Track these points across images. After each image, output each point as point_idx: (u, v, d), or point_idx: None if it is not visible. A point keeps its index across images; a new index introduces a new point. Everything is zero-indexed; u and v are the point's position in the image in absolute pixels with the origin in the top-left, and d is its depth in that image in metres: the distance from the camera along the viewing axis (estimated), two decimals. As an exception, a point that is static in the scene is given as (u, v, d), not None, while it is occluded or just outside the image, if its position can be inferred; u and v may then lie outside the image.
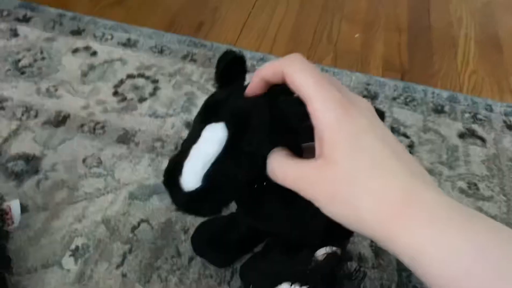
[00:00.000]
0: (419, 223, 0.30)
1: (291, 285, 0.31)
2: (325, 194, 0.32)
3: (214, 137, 0.35)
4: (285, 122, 0.34)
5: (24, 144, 0.68)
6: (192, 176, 0.35)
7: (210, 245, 0.53)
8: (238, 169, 0.36)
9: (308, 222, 0.39)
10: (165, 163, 0.65)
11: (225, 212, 0.56)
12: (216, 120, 0.35)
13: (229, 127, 0.35)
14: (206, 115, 0.36)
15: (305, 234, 0.35)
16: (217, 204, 0.37)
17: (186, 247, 0.56)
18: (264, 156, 0.36)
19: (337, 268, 0.31)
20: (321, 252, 0.33)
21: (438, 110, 0.79)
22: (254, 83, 0.37)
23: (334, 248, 0.32)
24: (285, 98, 0.34)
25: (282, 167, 0.35)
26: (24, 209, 0.59)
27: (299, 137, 0.36)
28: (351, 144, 0.32)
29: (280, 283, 0.32)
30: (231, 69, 0.37)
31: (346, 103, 0.33)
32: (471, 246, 0.28)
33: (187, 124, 0.73)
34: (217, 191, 0.36)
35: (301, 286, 0.31)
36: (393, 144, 0.33)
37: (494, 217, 0.61)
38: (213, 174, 0.35)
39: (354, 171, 0.31)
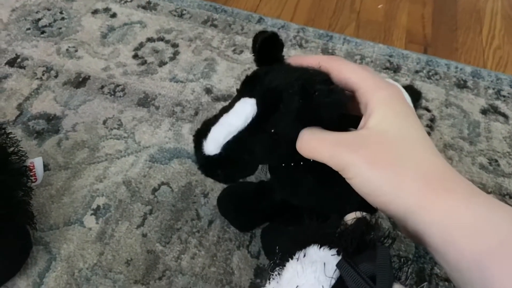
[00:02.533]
0: (457, 196, 0.32)
1: (319, 248, 0.31)
2: (367, 157, 0.33)
3: (243, 111, 0.36)
4: (315, 112, 0.34)
5: (45, 104, 0.68)
6: (213, 142, 0.37)
7: (236, 208, 0.53)
8: (257, 146, 0.37)
9: (344, 199, 0.40)
10: (185, 128, 0.66)
11: (255, 179, 0.58)
12: (250, 95, 0.36)
13: (259, 105, 0.36)
14: (243, 88, 0.38)
15: (340, 210, 0.35)
16: (232, 174, 0.39)
17: (206, 211, 0.57)
18: (286, 140, 0.36)
19: (367, 232, 0.31)
20: (350, 217, 0.32)
21: (461, 85, 0.77)
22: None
23: (364, 213, 0.32)
24: (321, 87, 0.34)
25: (317, 135, 0.36)
26: (45, 167, 0.60)
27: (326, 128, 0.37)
28: (399, 120, 0.35)
29: (308, 245, 0.32)
30: (267, 48, 0.38)
31: (393, 86, 0.37)
32: (507, 221, 0.30)
33: (207, 90, 0.72)
34: (232, 163, 0.37)
35: (330, 249, 0.31)
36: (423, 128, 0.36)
37: (514, 194, 0.61)
38: (231, 145, 0.36)
39: (400, 142, 0.34)
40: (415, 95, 0.68)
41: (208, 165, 0.37)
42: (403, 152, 0.33)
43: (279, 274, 0.33)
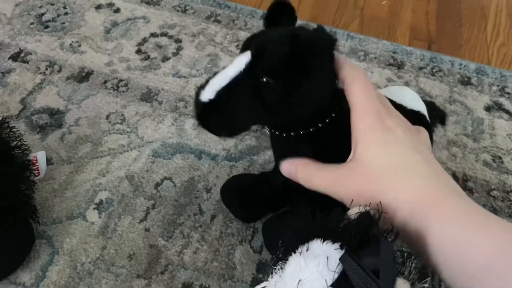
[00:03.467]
0: (438, 222, 0.32)
1: (322, 242, 0.31)
2: (352, 192, 0.35)
3: (238, 61, 0.38)
4: (301, 59, 0.36)
5: (48, 98, 0.68)
6: (209, 90, 0.38)
7: (238, 196, 0.54)
8: (246, 90, 0.38)
9: None
10: (187, 123, 0.66)
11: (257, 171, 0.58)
12: (247, 49, 0.38)
13: (251, 54, 0.37)
14: (243, 47, 0.39)
15: None
16: (223, 122, 0.39)
17: (208, 206, 0.57)
18: (274, 88, 0.37)
19: (370, 227, 0.31)
20: (354, 211, 0.32)
21: (465, 82, 0.77)
22: None
23: (367, 208, 0.32)
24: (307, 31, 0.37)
25: (314, 175, 0.39)
26: (48, 161, 0.60)
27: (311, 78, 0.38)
28: (380, 149, 0.35)
29: (311, 239, 0.32)
30: (276, 13, 0.41)
31: (384, 114, 0.37)
32: (489, 243, 0.30)
33: (210, 85, 0.72)
34: (224, 107, 0.38)
35: (333, 243, 0.31)
36: (424, 152, 0.36)
37: (518, 191, 0.61)
38: (224, 90, 0.37)
39: (380, 171, 0.35)
40: (441, 115, 0.67)
41: (202, 112, 0.38)
42: (384, 181, 0.35)
43: (281, 268, 0.33)
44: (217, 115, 0.38)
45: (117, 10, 0.83)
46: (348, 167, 0.37)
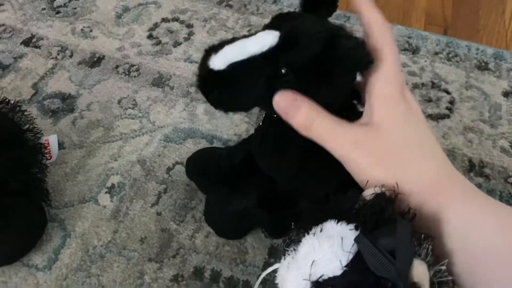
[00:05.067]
0: (451, 199, 0.32)
1: (337, 223, 0.30)
2: (373, 158, 0.33)
3: (263, 39, 0.34)
4: (333, 63, 0.33)
5: (60, 83, 0.68)
6: (222, 57, 0.34)
7: (199, 171, 0.54)
8: (260, 77, 0.35)
9: (322, 181, 0.41)
10: (199, 108, 0.65)
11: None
12: (276, 28, 0.35)
13: (281, 37, 0.34)
14: (272, 22, 0.36)
15: (313, 191, 0.35)
16: (225, 97, 0.36)
17: (220, 191, 0.56)
18: (290, 84, 0.35)
19: (386, 208, 0.30)
20: (369, 192, 0.32)
21: (482, 67, 0.75)
22: None
23: (383, 189, 0.31)
24: (348, 39, 0.33)
25: (325, 127, 0.35)
26: (60, 146, 0.60)
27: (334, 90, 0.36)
28: (403, 123, 0.34)
29: (325, 221, 0.31)
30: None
31: (405, 86, 0.35)
32: (496, 224, 0.30)
33: (221, 71, 0.71)
34: (231, 83, 0.35)
35: (347, 224, 0.30)
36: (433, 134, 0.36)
37: (537, 177, 0.60)
38: (238, 66, 0.34)
39: (403, 142, 0.34)
40: None
41: (208, 79, 0.35)
42: (402, 155, 0.33)
43: (294, 250, 0.32)
44: (221, 89, 0.35)
45: (129, -5, 0.83)
46: (370, 129, 0.34)
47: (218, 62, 0.34)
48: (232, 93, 0.36)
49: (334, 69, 0.34)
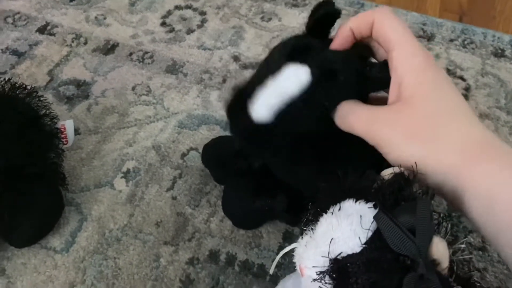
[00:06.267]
0: (496, 168, 0.30)
1: (355, 202, 0.30)
2: (403, 133, 0.32)
3: (297, 78, 0.34)
4: (368, 86, 0.36)
5: (74, 70, 0.68)
6: (265, 107, 0.34)
7: (216, 161, 0.53)
8: (309, 117, 0.35)
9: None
10: (213, 95, 0.65)
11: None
12: (302, 63, 0.34)
13: (315, 74, 0.34)
14: (293, 55, 0.35)
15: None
16: (279, 145, 0.36)
17: (234, 176, 0.56)
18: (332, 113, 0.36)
19: (405, 187, 0.30)
20: (387, 172, 0.32)
21: (498, 54, 0.74)
22: (341, 34, 0.37)
23: (402, 168, 0.31)
24: (371, 62, 0.36)
25: (354, 111, 0.35)
26: (75, 131, 0.60)
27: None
28: (434, 89, 0.33)
29: (344, 199, 0.31)
30: (324, 20, 0.37)
31: (428, 53, 0.35)
32: None
33: (235, 58, 0.71)
34: (282, 133, 0.35)
35: (366, 202, 0.30)
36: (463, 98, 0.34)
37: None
38: (284, 114, 0.34)
39: (437, 113, 0.32)
40: None
41: (257, 133, 0.35)
42: (440, 124, 0.32)
43: (312, 229, 0.32)
44: (274, 139, 0.35)
45: (142, -17, 0.83)
46: (396, 109, 0.34)
47: (263, 112, 0.34)
48: (285, 138, 0.37)
49: (367, 93, 0.36)
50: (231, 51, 0.72)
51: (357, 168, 0.34)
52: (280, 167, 0.45)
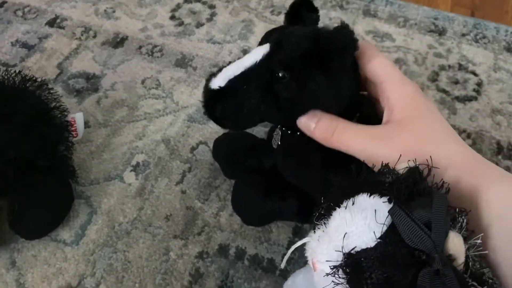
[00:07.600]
0: (489, 175, 0.32)
1: (369, 196, 0.30)
2: (395, 152, 0.33)
3: (256, 52, 0.37)
4: (321, 57, 0.35)
5: (84, 63, 0.68)
6: (221, 77, 0.37)
7: (227, 158, 0.53)
8: (259, 83, 0.36)
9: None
10: (222, 89, 0.65)
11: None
12: (267, 42, 0.37)
13: (270, 46, 0.37)
14: (262, 39, 0.39)
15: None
16: (230, 111, 0.37)
17: (244, 170, 0.56)
18: (288, 85, 0.36)
19: (420, 181, 0.30)
20: (402, 166, 0.31)
21: (511, 49, 0.73)
22: None
23: (417, 163, 0.31)
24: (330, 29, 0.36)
25: (350, 129, 0.37)
26: (85, 124, 0.60)
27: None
28: (427, 112, 0.36)
29: (357, 194, 0.31)
30: (299, 10, 0.40)
31: (415, 83, 0.37)
32: None
33: (244, 52, 0.71)
34: (233, 96, 0.36)
35: (381, 197, 0.29)
36: None
37: None
38: (236, 79, 0.36)
39: (434, 132, 0.35)
40: None
41: (209, 99, 0.37)
42: (440, 141, 0.35)
43: (324, 223, 0.32)
44: (224, 104, 0.37)
45: (151, -23, 0.83)
46: (391, 127, 0.36)
47: (217, 81, 0.36)
48: (236, 106, 0.37)
49: (326, 57, 0.35)
50: (240, 45, 0.72)
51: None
52: (288, 170, 0.46)
